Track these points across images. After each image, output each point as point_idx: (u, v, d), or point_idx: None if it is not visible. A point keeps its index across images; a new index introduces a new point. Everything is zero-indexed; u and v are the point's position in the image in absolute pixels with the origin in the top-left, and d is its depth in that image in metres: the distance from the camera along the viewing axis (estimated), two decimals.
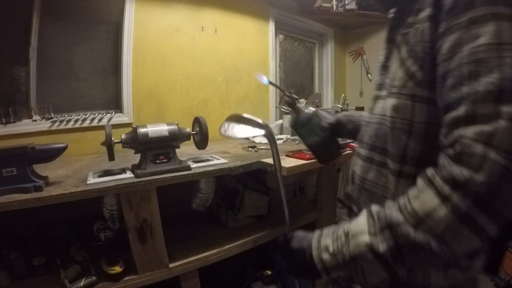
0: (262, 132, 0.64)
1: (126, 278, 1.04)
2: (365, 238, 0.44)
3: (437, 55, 0.44)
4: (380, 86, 0.59)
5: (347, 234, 0.47)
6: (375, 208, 0.47)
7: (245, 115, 0.66)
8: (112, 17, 1.74)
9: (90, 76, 1.70)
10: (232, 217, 1.48)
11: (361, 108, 1.80)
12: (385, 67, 0.59)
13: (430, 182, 0.41)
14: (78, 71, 1.66)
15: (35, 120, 1.51)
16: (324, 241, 0.50)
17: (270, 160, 1.28)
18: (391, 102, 0.52)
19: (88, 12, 1.66)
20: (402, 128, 0.50)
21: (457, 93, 0.40)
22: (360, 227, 0.46)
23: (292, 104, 0.77)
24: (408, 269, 0.48)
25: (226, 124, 0.67)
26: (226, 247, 1.28)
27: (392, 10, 0.61)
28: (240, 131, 0.65)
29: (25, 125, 1.48)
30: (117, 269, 1.02)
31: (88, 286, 0.98)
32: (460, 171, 0.37)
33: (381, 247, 0.43)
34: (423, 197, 0.41)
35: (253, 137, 0.65)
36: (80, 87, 1.67)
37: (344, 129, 0.80)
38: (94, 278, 0.99)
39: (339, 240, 0.48)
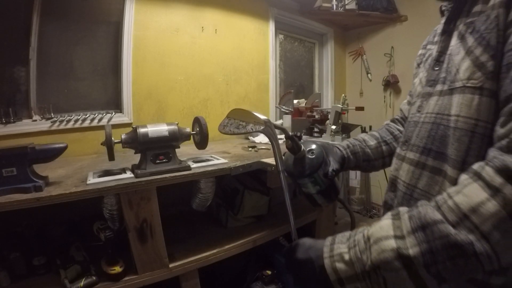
0: (261, 127, 0.58)
1: (126, 278, 1.04)
2: (391, 243, 0.38)
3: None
4: (433, 82, 0.55)
5: (367, 239, 0.40)
6: (403, 208, 0.41)
7: (244, 109, 0.62)
8: (112, 17, 1.74)
9: (90, 76, 1.70)
10: (232, 217, 1.47)
11: (361, 108, 1.79)
12: (438, 61, 0.55)
13: (477, 175, 0.36)
14: (78, 71, 1.66)
15: (35, 120, 1.51)
16: (338, 249, 0.43)
17: (270, 160, 1.28)
18: (453, 97, 0.47)
19: (88, 12, 1.66)
20: (465, 128, 0.44)
21: None
22: (384, 231, 0.39)
23: (294, 149, 0.63)
24: (439, 281, 0.36)
25: (225, 120, 0.63)
26: (226, 247, 1.28)
27: (446, 2, 0.57)
28: (238, 127, 0.60)
29: (25, 125, 1.48)
30: (117, 269, 1.02)
31: (88, 286, 0.98)
32: None
33: (412, 251, 0.36)
34: (467, 191, 0.35)
35: (252, 132, 0.58)
36: (80, 87, 1.67)
37: (347, 165, 0.72)
38: (94, 278, 0.99)
39: (357, 247, 0.41)
